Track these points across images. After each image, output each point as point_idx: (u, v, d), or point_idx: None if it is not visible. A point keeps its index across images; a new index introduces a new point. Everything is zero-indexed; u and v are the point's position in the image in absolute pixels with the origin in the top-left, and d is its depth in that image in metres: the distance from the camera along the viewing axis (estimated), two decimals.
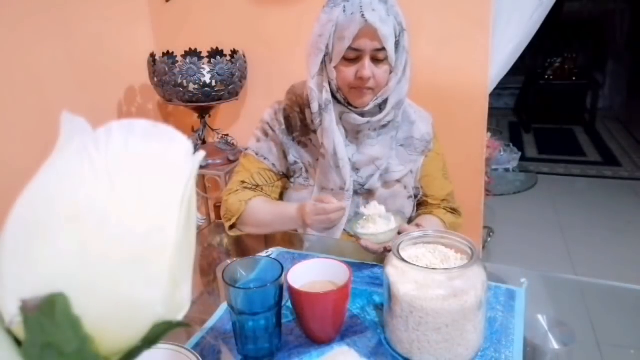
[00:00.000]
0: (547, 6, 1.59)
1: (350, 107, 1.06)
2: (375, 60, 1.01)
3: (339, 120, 1.08)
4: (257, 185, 1.14)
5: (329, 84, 1.06)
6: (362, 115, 1.07)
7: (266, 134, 1.15)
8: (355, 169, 1.11)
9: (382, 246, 0.93)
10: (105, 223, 0.25)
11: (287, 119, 1.14)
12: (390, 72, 1.04)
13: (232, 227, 1.12)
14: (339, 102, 1.08)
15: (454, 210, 1.21)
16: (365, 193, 1.13)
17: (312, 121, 1.09)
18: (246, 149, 1.19)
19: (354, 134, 1.10)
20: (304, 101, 1.12)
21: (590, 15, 5.12)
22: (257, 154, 1.15)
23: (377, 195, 1.13)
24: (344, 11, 0.98)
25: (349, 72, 1.02)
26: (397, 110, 1.10)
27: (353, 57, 1.00)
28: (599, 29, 5.13)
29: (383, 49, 0.99)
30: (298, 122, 1.13)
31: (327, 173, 1.10)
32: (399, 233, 0.92)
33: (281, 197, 1.21)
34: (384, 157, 1.11)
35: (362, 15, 0.96)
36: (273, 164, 1.15)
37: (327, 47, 1.02)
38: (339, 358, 0.66)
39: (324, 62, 1.05)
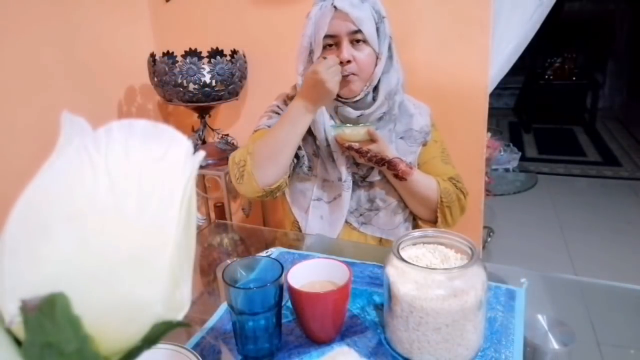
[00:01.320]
0: (547, 6, 1.59)
1: (341, 99, 1.07)
2: (355, 44, 1.05)
3: (334, 115, 1.10)
4: None
5: None
6: (356, 108, 1.09)
7: (277, 113, 1.18)
8: (355, 162, 1.11)
9: (349, 143, 1.05)
10: (105, 223, 0.25)
11: None
12: (377, 59, 1.07)
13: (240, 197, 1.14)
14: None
15: (458, 188, 1.17)
16: (366, 185, 1.13)
17: None
18: (257, 127, 1.18)
19: None
20: None
21: (590, 15, 5.12)
22: (269, 127, 1.16)
23: (377, 187, 1.14)
24: (320, 9, 1.05)
25: None
26: (391, 101, 1.11)
27: (331, 42, 1.05)
28: (599, 29, 5.13)
29: (359, 31, 1.03)
30: None
31: (324, 164, 1.12)
32: (372, 139, 1.06)
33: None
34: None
35: (332, 3, 1.03)
36: None
37: (310, 45, 1.07)
38: (339, 358, 0.66)
39: (310, 60, 1.08)
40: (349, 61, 1.03)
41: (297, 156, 1.14)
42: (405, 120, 1.16)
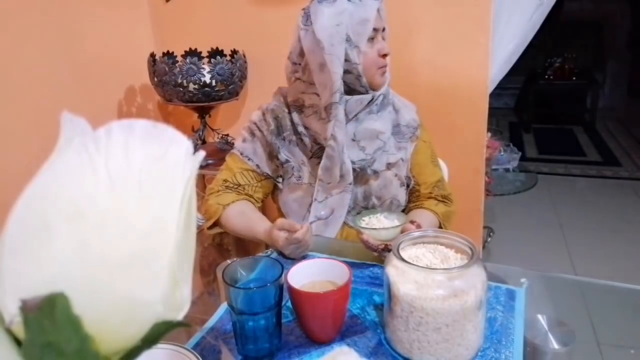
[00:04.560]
0: (547, 6, 1.59)
1: (371, 91, 1.09)
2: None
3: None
4: (239, 185, 1.15)
5: (351, 71, 1.06)
6: (367, 93, 1.10)
7: (253, 135, 1.16)
8: (361, 146, 1.11)
9: (383, 243, 0.92)
10: (105, 223, 0.25)
11: (277, 119, 1.15)
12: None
13: (210, 227, 1.15)
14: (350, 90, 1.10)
15: (444, 198, 1.21)
16: (362, 181, 1.14)
17: (327, 112, 1.08)
18: (234, 148, 1.21)
19: (352, 115, 1.11)
20: (291, 104, 1.14)
21: (590, 15, 5.12)
22: (241, 154, 1.17)
23: (373, 184, 1.13)
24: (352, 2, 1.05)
25: (373, 52, 1.07)
26: (388, 87, 1.15)
27: (373, 36, 1.06)
28: (599, 29, 5.13)
29: (384, 28, 1.08)
30: (287, 121, 1.14)
31: (332, 166, 1.09)
32: (402, 233, 0.91)
33: (272, 195, 1.23)
34: (387, 132, 1.13)
35: None
36: (257, 165, 1.16)
37: (348, 36, 1.05)
38: (339, 358, 0.66)
39: (354, 50, 1.06)
40: (389, 53, 1.09)
41: (284, 169, 1.15)
42: (392, 116, 1.17)
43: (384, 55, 1.08)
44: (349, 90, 1.08)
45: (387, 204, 1.16)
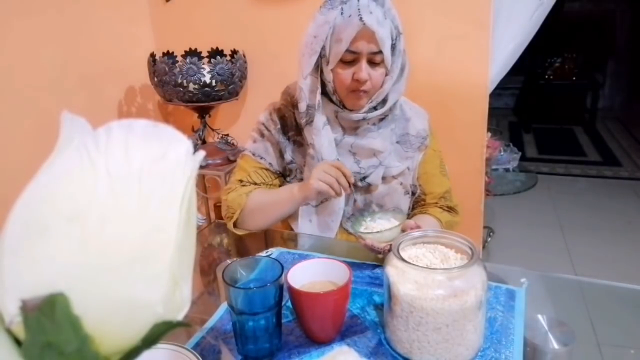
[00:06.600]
0: (547, 6, 1.60)
1: (345, 109, 1.07)
2: (371, 63, 1.01)
3: (334, 119, 1.08)
4: (255, 184, 1.15)
5: (324, 85, 1.06)
6: (358, 112, 1.07)
7: (262, 135, 1.16)
8: (356, 159, 1.11)
9: (389, 244, 0.91)
10: (105, 223, 0.25)
11: (283, 118, 1.14)
12: (386, 75, 1.05)
13: (234, 225, 1.12)
14: (333, 102, 1.08)
15: (450, 209, 1.20)
16: (363, 189, 1.13)
17: (300, 120, 1.09)
18: (243, 151, 1.20)
19: (352, 130, 1.10)
20: (296, 101, 1.12)
21: (590, 15, 5.12)
22: (253, 154, 1.16)
23: (375, 192, 1.13)
24: (342, 13, 0.98)
25: (346, 74, 1.02)
26: (394, 104, 1.11)
27: (350, 59, 1.01)
28: (599, 29, 5.13)
29: (379, 52, 1.00)
30: (293, 121, 1.14)
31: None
32: (403, 231, 0.92)
33: None
34: (386, 151, 1.11)
35: (360, 18, 0.96)
36: (270, 163, 1.15)
37: (322, 49, 1.02)
38: (339, 358, 0.66)
39: (317, 64, 1.05)
40: (365, 80, 1.01)
41: (289, 169, 1.14)
42: (401, 124, 1.15)
43: (358, 80, 1.01)
44: (332, 102, 1.08)
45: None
